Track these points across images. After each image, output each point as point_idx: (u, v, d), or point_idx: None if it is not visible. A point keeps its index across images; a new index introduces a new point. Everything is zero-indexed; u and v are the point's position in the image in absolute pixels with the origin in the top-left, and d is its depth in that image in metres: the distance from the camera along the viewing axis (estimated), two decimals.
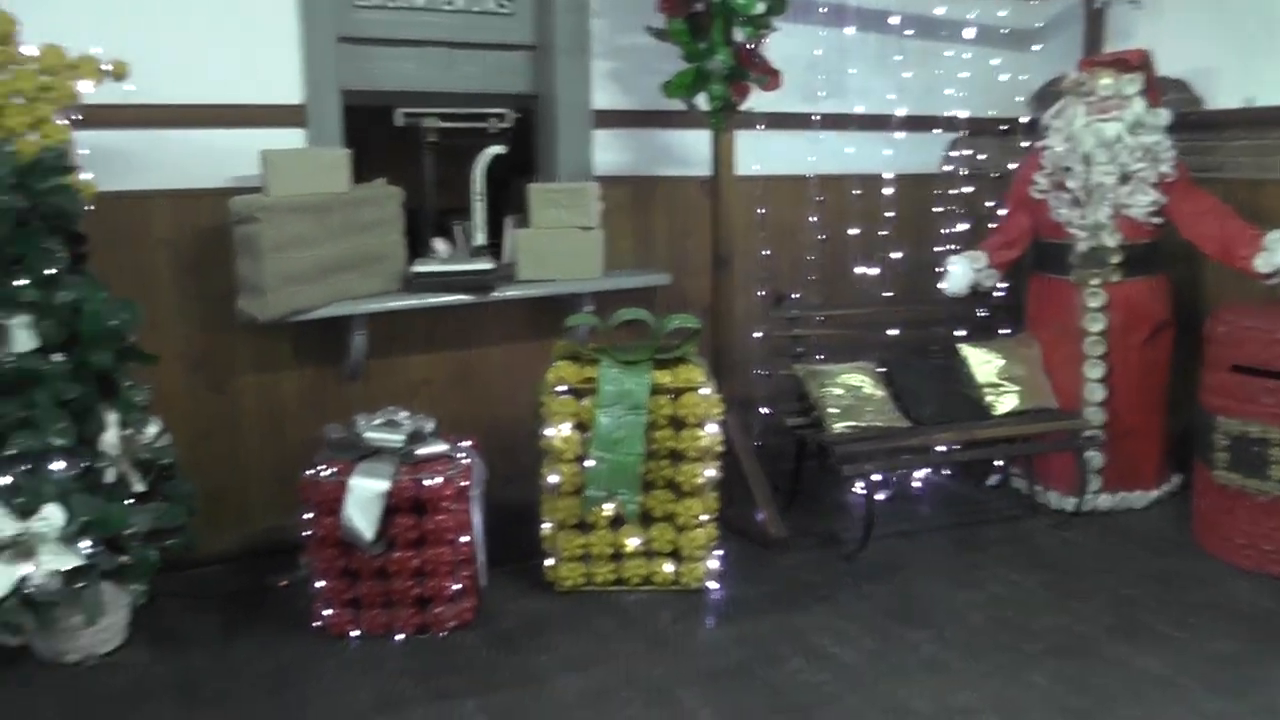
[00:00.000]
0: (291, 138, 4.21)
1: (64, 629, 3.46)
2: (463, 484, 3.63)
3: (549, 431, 3.84)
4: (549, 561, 3.97)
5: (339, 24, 4.29)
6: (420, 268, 4.28)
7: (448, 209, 4.59)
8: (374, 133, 4.47)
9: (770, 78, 4.48)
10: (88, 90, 3.61)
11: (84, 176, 3.65)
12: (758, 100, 4.53)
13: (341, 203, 4.06)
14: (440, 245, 4.42)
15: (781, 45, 4.57)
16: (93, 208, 3.66)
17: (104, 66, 3.61)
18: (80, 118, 3.66)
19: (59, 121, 3.57)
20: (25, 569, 3.31)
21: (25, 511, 3.32)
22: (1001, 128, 5.63)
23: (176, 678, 3.47)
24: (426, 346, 4.57)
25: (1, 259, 3.36)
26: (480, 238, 4.44)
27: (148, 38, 3.88)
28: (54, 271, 3.43)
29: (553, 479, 3.85)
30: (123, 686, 3.43)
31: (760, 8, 4.28)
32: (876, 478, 4.46)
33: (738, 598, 3.95)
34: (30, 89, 3.50)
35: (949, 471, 5.19)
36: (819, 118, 5.18)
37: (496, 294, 4.33)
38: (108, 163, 3.83)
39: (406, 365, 4.54)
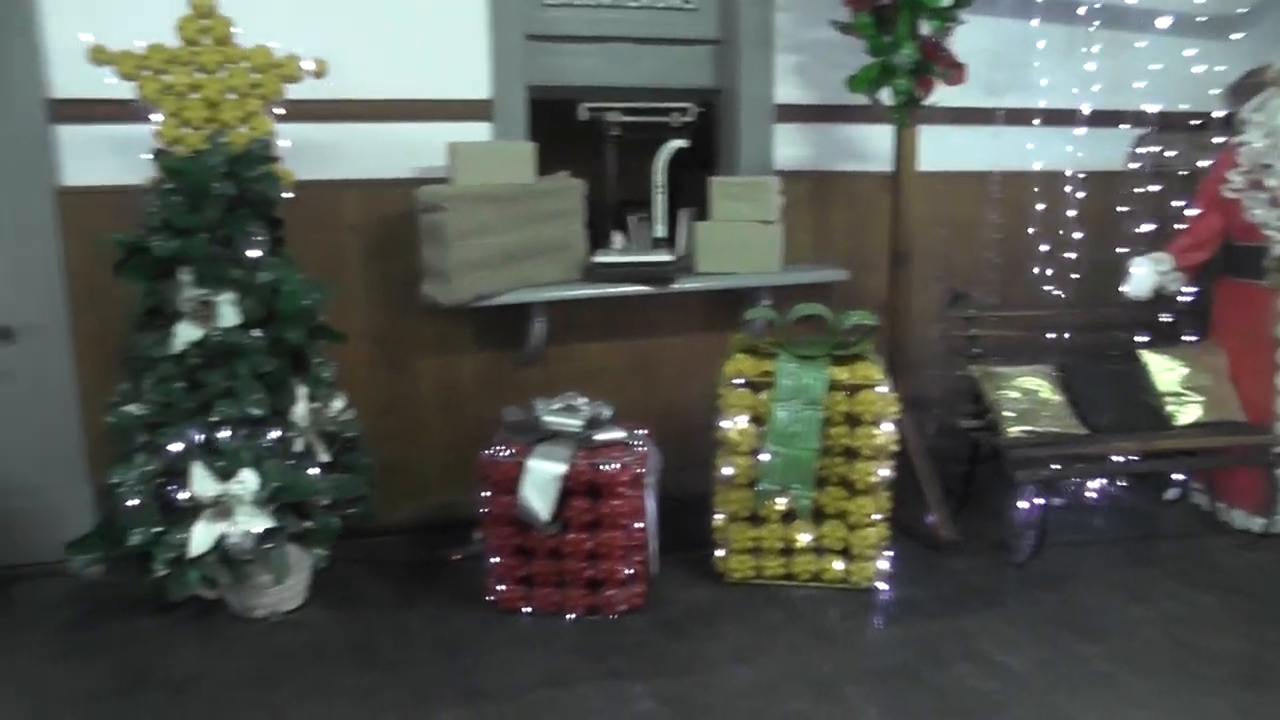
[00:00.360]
0: (478, 131, 4.40)
1: (253, 586, 3.74)
2: (638, 471, 3.71)
3: (725, 423, 3.89)
4: (719, 552, 4.02)
5: (527, 22, 4.46)
6: (601, 258, 4.40)
7: (624, 200, 4.70)
8: (557, 126, 4.59)
9: (955, 72, 4.43)
10: (292, 87, 3.89)
11: (285, 165, 3.92)
12: (940, 95, 4.49)
13: (526, 193, 4.20)
14: (618, 237, 4.54)
15: (965, 38, 4.50)
16: (291, 195, 3.91)
17: (306, 65, 3.88)
18: (283, 112, 3.93)
19: (265, 115, 3.86)
20: (223, 528, 3.58)
21: (225, 474, 3.58)
22: (1193, 122, 5.40)
23: (353, 638, 3.68)
24: (604, 335, 4.69)
25: (213, 241, 3.62)
26: (660, 230, 4.52)
27: (346, 38, 4.13)
28: (257, 253, 3.68)
29: (727, 471, 3.90)
30: (303, 642, 3.67)
31: (947, 0, 4.24)
32: (1051, 485, 4.36)
33: (906, 599, 3.93)
34: (242, 86, 3.81)
35: (1125, 482, 5.02)
36: (1002, 113, 5.09)
37: (675, 285, 4.41)
38: (305, 154, 4.08)
39: (584, 353, 4.67)
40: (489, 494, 3.76)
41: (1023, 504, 4.27)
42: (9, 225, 4.06)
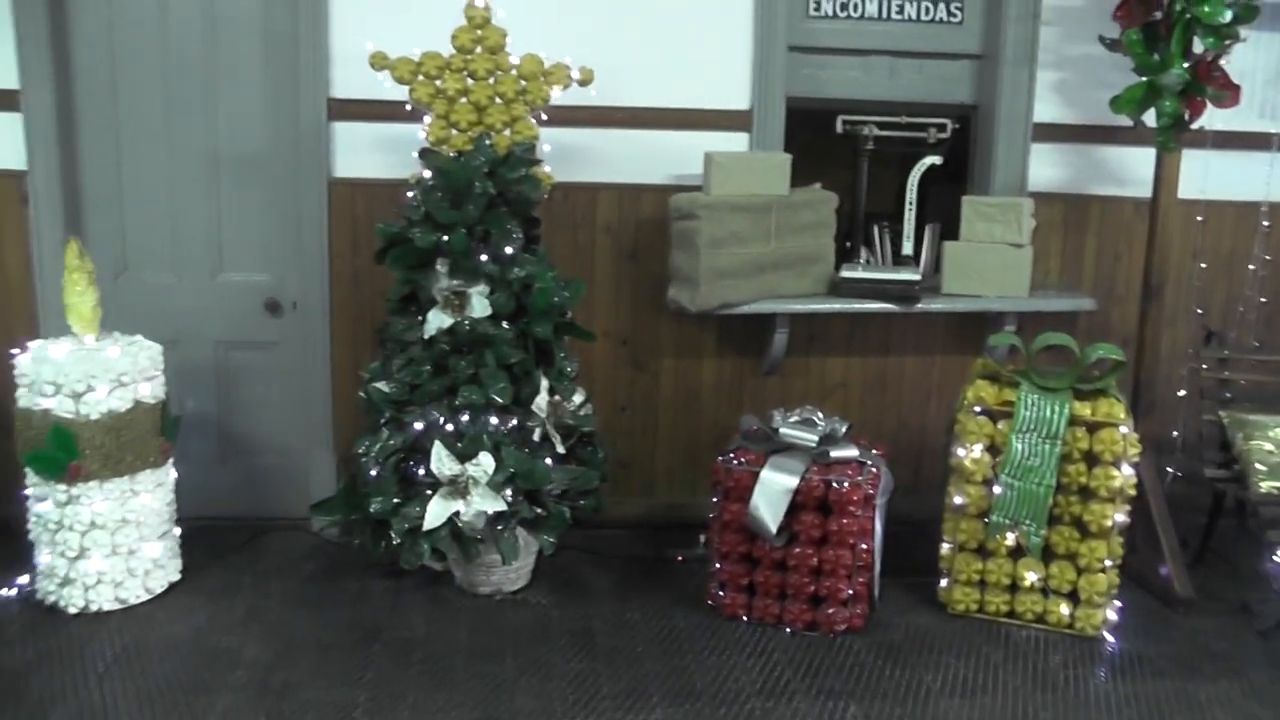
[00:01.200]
0: (735, 141, 4.51)
1: (481, 564, 3.99)
2: (870, 490, 3.75)
3: (960, 450, 3.88)
4: (943, 582, 4.01)
5: (791, 33, 4.53)
6: (848, 273, 4.43)
7: (870, 214, 4.73)
8: (811, 137, 4.64)
9: (1229, 93, 4.22)
10: (557, 94, 4.10)
11: (545, 168, 4.14)
12: (1210, 117, 4.29)
13: (778, 205, 4.27)
14: (865, 251, 4.59)
15: (1241, 56, 4.30)
16: (549, 196, 4.14)
17: (573, 74, 4.08)
18: (546, 117, 4.16)
19: (530, 120, 4.08)
20: (457, 506, 3.81)
21: (464, 456, 3.81)
22: None
23: (574, 624, 3.88)
24: (844, 350, 4.73)
25: (471, 236, 3.84)
26: (908, 247, 4.54)
27: (612, 47, 4.31)
28: (512, 250, 3.89)
29: (958, 499, 3.89)
30: (526, 622, 3.90)
31: (1226, 16, 4.04)
32: None
33: (1134, 653, 3.81)
34: (510, 92, 4.04)
35: None
36: (1278, 138, 4.84)
37: (920, 305, 4.42)
38: (565, 157, 4.30)
39: (823, 367, 4.73)
40: (720, 500, 3.87)
41: (1272, 566, 4.09)
42: (291, 211, 4.48)
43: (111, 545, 3.86)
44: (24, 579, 4.04)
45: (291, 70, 4.38)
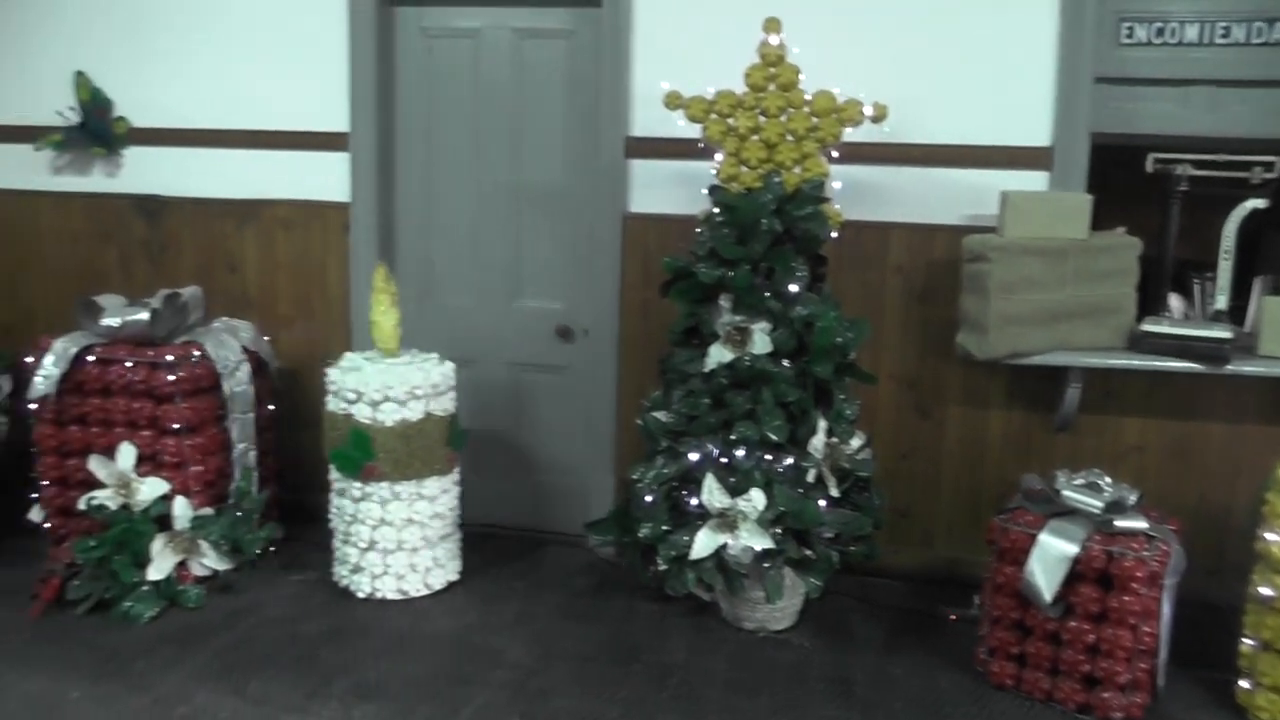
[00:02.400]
0: (1032, 180, 4.33)
1: (746, 599, 4.06)
2: (1157, 568, 3.50)
3: (1269, 535, 3.53)
4: (1244, 683, 3.65)
5: (1099, 63, 4.29)
6: (1151, 327, 4.11)
7: (1185, 261, 4.39)
8: (1114, 176, 4.40)
9: None
10: (849, 130, 4.11)
11: (834, 206, 4.16)
12: None
13: (1078, 249, 4.07)
14: (1175, 303, 4.27)
15: None
16: (837, 234, 4.16)
17: (866, 110, 4.07)
18: (838, 154, 4.18)
19: (820, 157, 4.11)
20: (725, 539, 3.90)
21: (736, 490, 3.90)
22: None
23: (834, 671, 3.87)
24: (1142, 410, 4.43)
25: (756, 272, 3.94)
26: (1222, 301, 4.21)
27: (905, 82, 4.30)
28: (795, 288, 3.95)
29: (1265, 591, 3.52)
30: (786, 663, 3.93)
31: None
32: None
33: None
34: (801, 129, 4.08)
35: None
36: None
37: (1231, 367, 4.10)
38: (857, 194, 4.31)
39: (1119, 427, 4.46)
40: (995, 560, 3.75)
41: None
42: (586, 242, 4.79)
43: (397, 541, 4.29)
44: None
45: (592, 110, 4.70)
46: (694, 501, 3.99)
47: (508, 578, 4.63)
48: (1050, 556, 3.59)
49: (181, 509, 4.38)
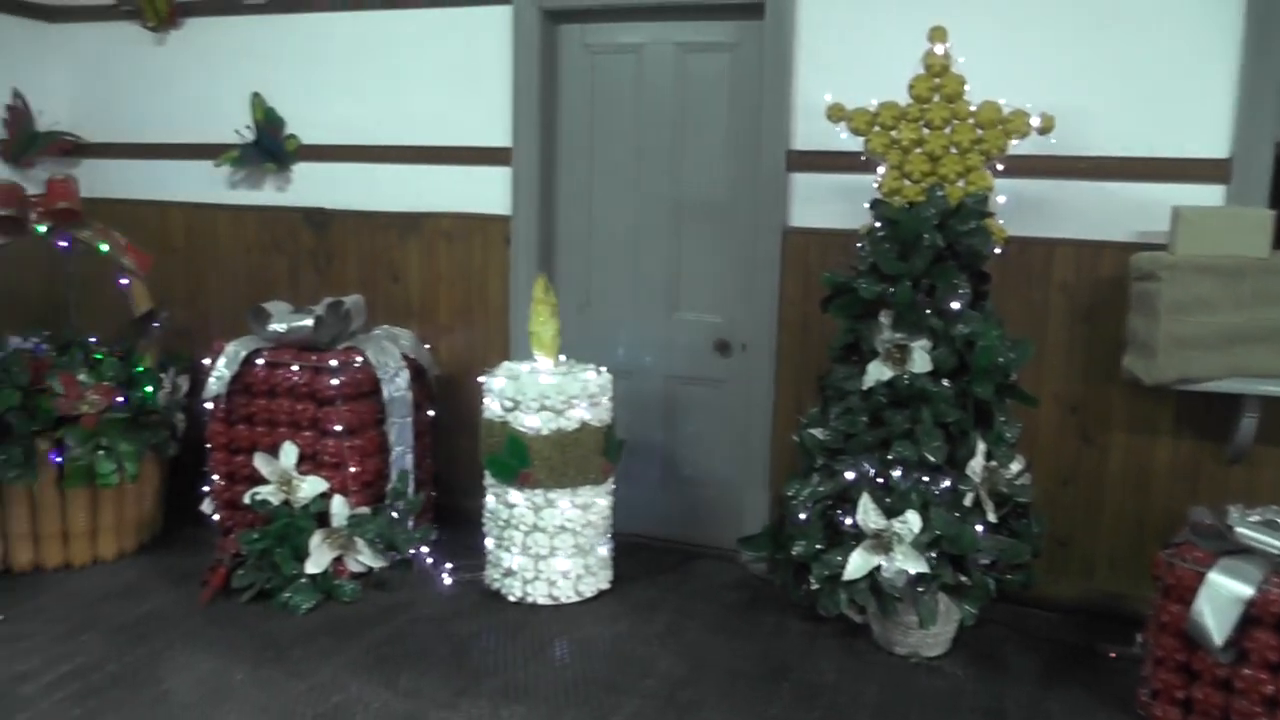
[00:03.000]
0: (1207, 194, 4.17)
1: (899, 623, 4.04)
2: None
3: None
4: None
5: None
6: None
7: None
8: None
9: None
10: (1015, 142, 4.05)
11: (998, 221, 4.12)
12: None
13: (1257, 269, 3.92)
14: None
15: None
16: (1000, 250, 4.11)
17: (1033, 121, 4.01)
18: (1003, 167, 4.14)
19: (985, 171, 4.07)
20: (879, 561, 3.90)
21: (891, 511, 3.90)
22: None
23: (987, 702, 3.83)
24: None
25: (917, 288, 3.94)
26: None
27: (1074, 92, 4.23)
28: (957, 305, 3.93)
29: None
30: (937, 691, 3.90)
31: None
32: None
33: None
34: (966, 141, 4.05)
35: None
36: None
37: None
38: (1021, 209, 4.27)
39: None
40: (1160, 597, 3.62)
41: None
42: (746, 257, 4.85)
43: (550, 547, 4.42)
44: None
45: (753, 124, 4.76)
46: (849, 521, 3.99)
47: (659, 589, 4.72)
48: (1221, 597, 3.43)
49: (340, 507, 4.62)
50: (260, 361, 4.82)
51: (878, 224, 4.10)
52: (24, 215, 5.01)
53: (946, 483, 3.95)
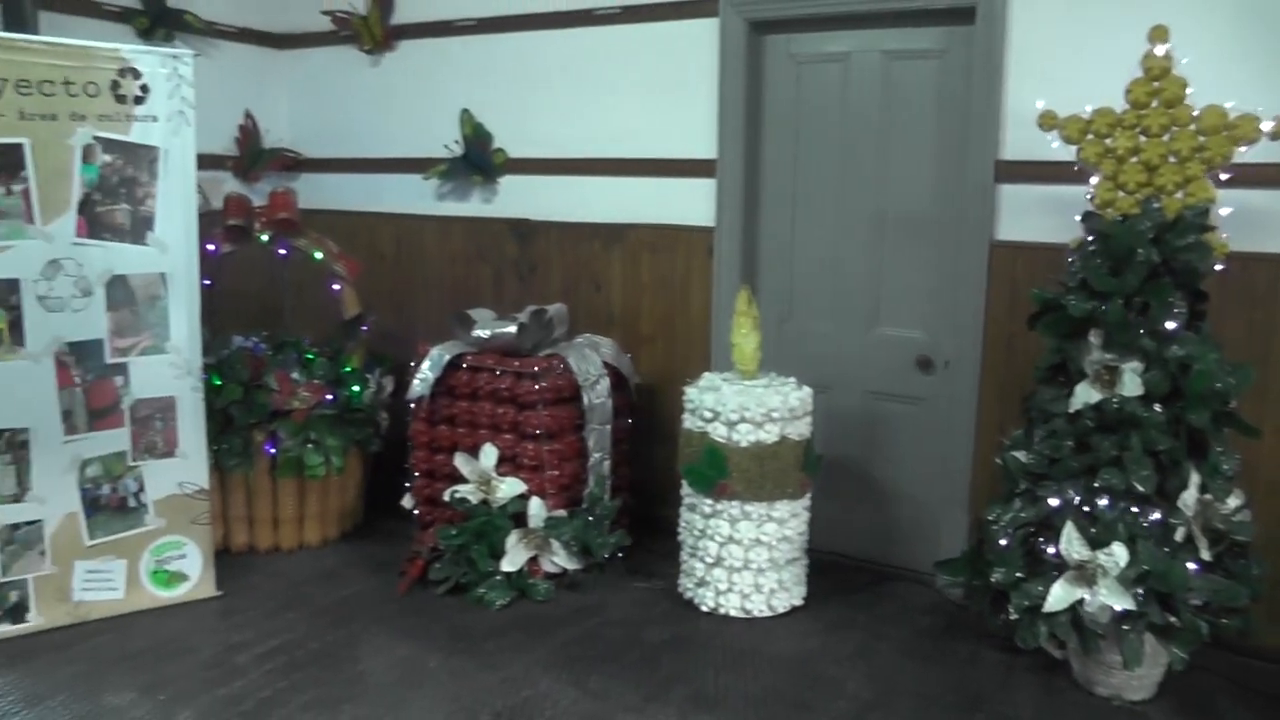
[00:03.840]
0: None
1: (1101, 662, 3.95)
2: None
3: None
4: None
5: None
6: None
7: None
8: None
9: None
10: (1241, 150, 3.87)
11: (1220, 235, 3.94)
12: None
13: None
14: None
15: None
16: (1221, 266, 3.96)
17: (1264, 126, 3.81)
18: (1227, 177, 3.93)
19: (1206, 181, 3.92)
20: (1082, 594, 3.82)
21: (1096, 542, 3.82)
22: None
23: None
24: None
25: (1129, 307, 3.86)
26: None
27: None
28: (1172, 325, 3.83)
29: None
30: None
31: None
32: None
33: None
34: (1186, 149, 3.91)
35: None
36: None
37: None
38: (1247, 223, 4.07)
39: None
40: None
41: None
42: (949, 271, 4.85)
43: (744, 560, 4.53)
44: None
45: (961, 133, 4.76)
46: (1051, 550, 3.93)
47: (852, 609, 4.76)
48: None
49: (536, 509, 4.85)
50: (464, 366, 5.12)
51: (1089, 238, 4.03)
52: (249, 225, 5.46)
53: (1156, 515, 3.84)
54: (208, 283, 4.95)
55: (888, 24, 4.90)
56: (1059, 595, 3.86)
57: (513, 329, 5.09)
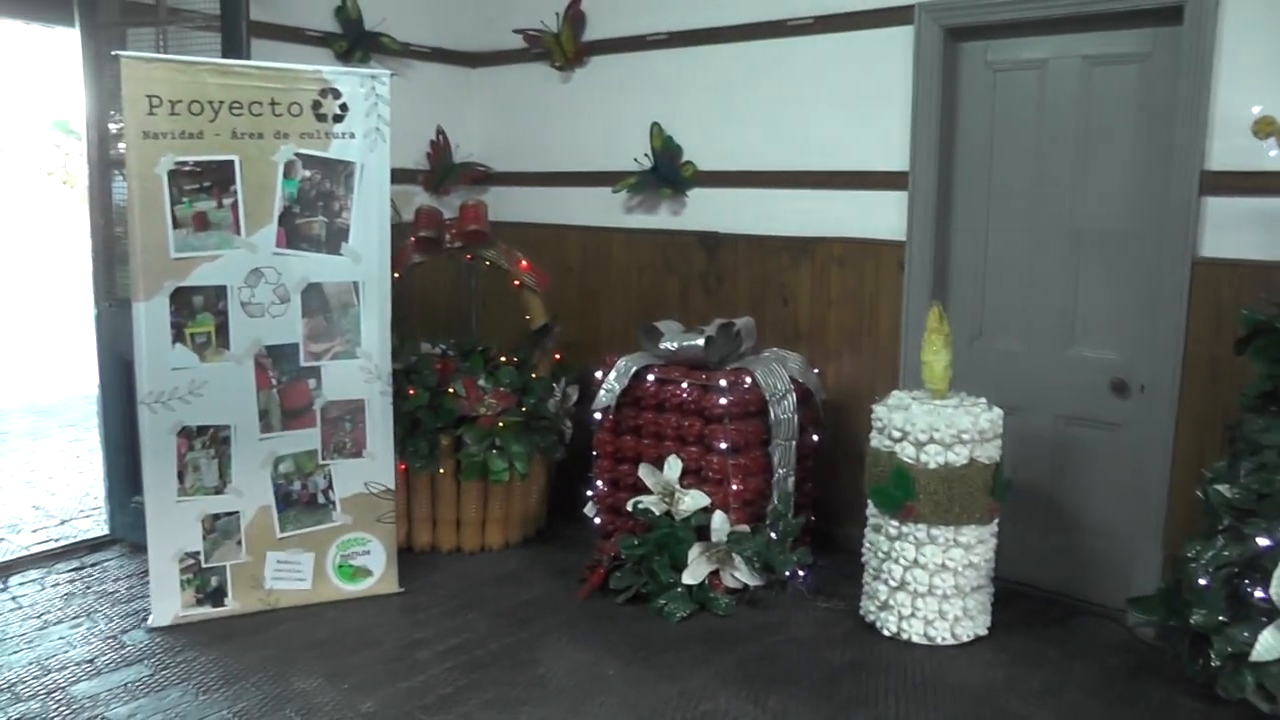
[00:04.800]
0: None
1: None
2: None
3: None
4: None
5: None
6: None
7: None
8: None
9: None
10: None
11: None
12: None
13: None
14: None
15: None
16: None
17: None
18: None
19: None
20: None
21: None
22: None
23: None
24: None
25: None
26: None
27: None
28: None
29: None
30: None
31: None
32: None
33: None
34: None
35: None
36: None
37: None
38: None
39: None
40: None
41: None
42: (1150, 288, 4.66)
43: (929, 585, 4.46)
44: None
45: (1164, 142, 4.56)
46: (1259, 594, 3.74)
47: (1038, 642, 4.61)
48: None
49: (720, 523, 4.90)
50: (650, 377, 5.21)
51: None
52: (440, 236, 5.68)
53: None
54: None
55: (1090, 27, 4.75)
56: (1269, 644, 3.69)
57: (700, 342, 5.15)
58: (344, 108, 4.79)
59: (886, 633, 4.59)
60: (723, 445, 4.94)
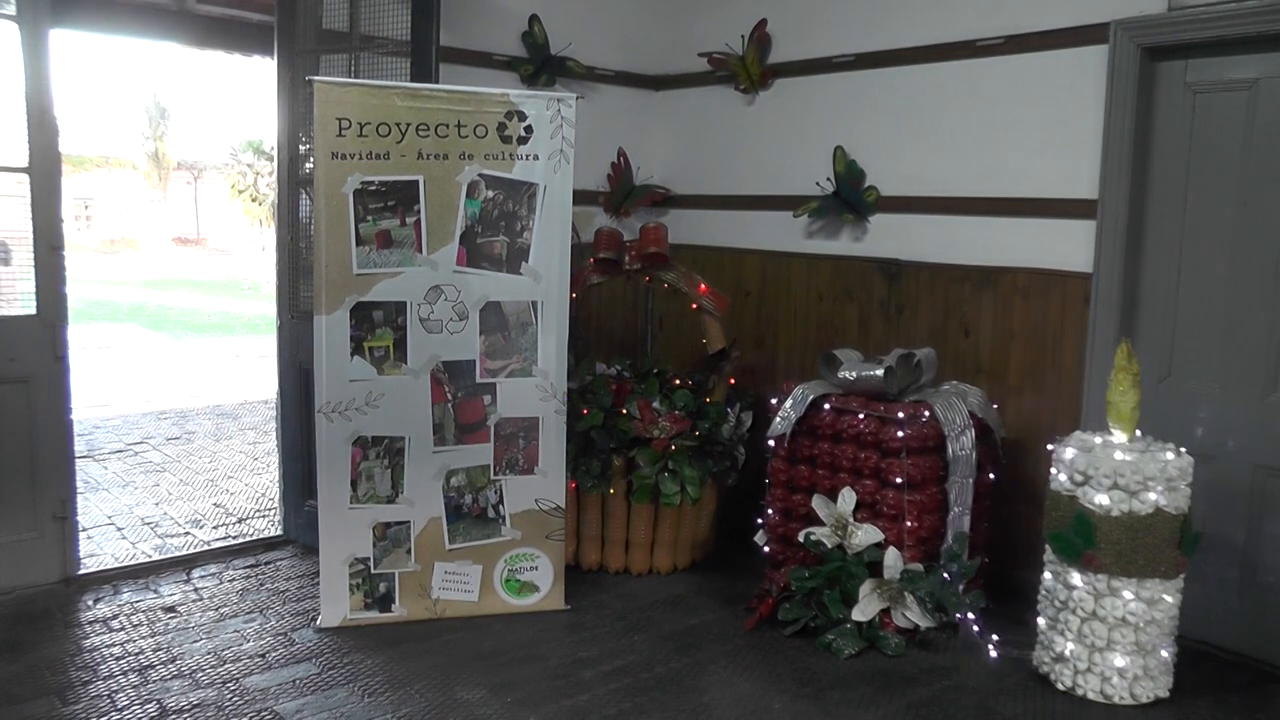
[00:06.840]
0: None
1: None
2: None
3: None
4: None
5: None
6: None
7: None
8: None
9: None
10: None
11: None
12: None
13: None
14: None
15: None
16: None
17: None
18: None
19: None
20: None
21: None
22: None
23: None
24: None
25: None
26: None
27: None
28: None
29: None
30: None
31: None
32: None
33: None
34: None
35: None
36: None
37: None
38: None
39: None
40: None
41: None
42: None
43: (1108, 639, 4.27)
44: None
45: None
46: None
47: (1225, 710, 4.33)
48: None
49: (893, 560, 4.84)
50: (827, 406, 5.18)
51: None
52: (620, 258, 5.76)
53: None
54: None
55: None
56: None
57: (879, 372, 5.09)
58: (529, 130, 4.92)
59: (1060, 686, 4.41)
60: (899, 480, 4.86)
